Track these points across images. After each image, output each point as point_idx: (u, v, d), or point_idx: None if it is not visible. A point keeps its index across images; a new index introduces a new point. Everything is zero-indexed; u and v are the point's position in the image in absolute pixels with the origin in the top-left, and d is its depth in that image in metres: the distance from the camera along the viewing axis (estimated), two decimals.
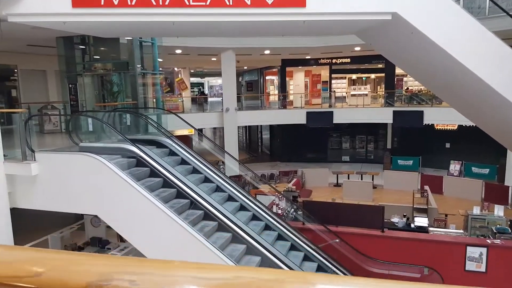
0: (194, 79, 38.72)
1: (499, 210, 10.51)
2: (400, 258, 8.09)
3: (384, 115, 19.07)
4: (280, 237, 7.75)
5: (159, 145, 7.78)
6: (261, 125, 26.77)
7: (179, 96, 21.42)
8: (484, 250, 7.77)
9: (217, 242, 5.81)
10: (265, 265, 6.23)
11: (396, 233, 8.67)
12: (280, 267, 6.27)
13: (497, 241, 7.97)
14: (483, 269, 7.77)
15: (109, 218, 5.91)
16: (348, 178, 16.93)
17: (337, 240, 8.21)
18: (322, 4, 8.08)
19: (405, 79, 22.31)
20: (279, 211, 9.58)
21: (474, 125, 12.31)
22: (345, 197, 14.91)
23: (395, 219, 10.87)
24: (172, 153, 7.70)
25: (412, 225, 10.50)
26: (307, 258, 7.58)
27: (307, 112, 19.72)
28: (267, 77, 27.23)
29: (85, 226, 7.55)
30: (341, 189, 15.93)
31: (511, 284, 7.63)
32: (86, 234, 7.48)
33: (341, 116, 19.68)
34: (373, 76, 26.14)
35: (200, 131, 22.80)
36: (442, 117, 17.61)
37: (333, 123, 19.65)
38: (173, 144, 7.80)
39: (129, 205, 5.79)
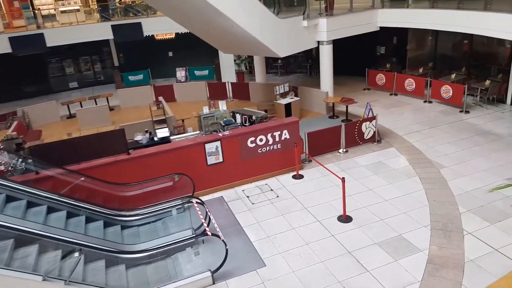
0: None
1: (223, 105, 11.99)
2: (152, 174, 8.23)
3: (103, 31, 17.70)
4: (11, 198, 6.42)
5: None
6: None
7: None
8: (218, 143, 8.81)
9: None
10: None
11: (142, 151, 8.65)
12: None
13: (226, 133, 9.14)
14: (220, 159, 8.90)
15: None
16: (81, 106, 15.47)
17: (82, 178, 7.51)
18: None
19: None
20: (2, 168, 7.85)
21: (188, 31, 13.00)
22: (83, 128, 13.73)
23: (138, 137, 10.85)
24: None
25: (156, 138, 10.79)
26: (52, 210, 6.66)
27: (10, 38, 16.09)
28: None
29: None
30: (76, 120, 14.50)
31: (242, 165, 9.09)
32: None
33: (55, 37, 17.06)
34: None
35: None
36: (159, 27, 17.83)
37: (47, 46, 16.92)
38: None
39: None
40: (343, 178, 7.42)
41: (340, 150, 10.45)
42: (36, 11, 18.71)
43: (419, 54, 16.65)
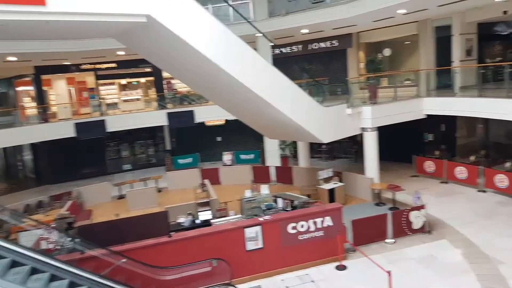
0: None
1: (265, 189, 12.04)
2: (191, 258, 8.16)
3: (159, 118, 19.18)
4: (55, 277, 6.55)
5: None
6: (20, 145, 22.68)
7: None
8: (258, 228, 8.67)
9: None
10: None
11: (183, 234, 8.70)
12: None
13: (267, 217, 9.03)
14: (260, 245, 8.68)
15: None
16: (132, 187, 16.21)
17: (124, 260, 7.58)
18: (65, 2, 7.19)
19: (173, 81, 23.00)
20: (51, 246, 8.19)
21: (236, 118, 13.73)
22: (131, 209, 14.21)
23: (181, 219, 11.01)
24: None
25: (197, 221, 10.87)
26: None
27: (76, 123, 17.86)
28: (19, 88, 23.11)
29: None
30: (125, 201, 15.09)
31: (282, 252, 8.78)
32: None
33: (115, 123, 18.70)
34: (143, 80, 25.95)
35: None
36: (210, 114, 19.03)
37: (106, 132, 18.50)
38: None
39: None
40: (389, 271, 6.88)
41: (387, 240, 9.85)
42: (101, 100, 20.84)
43: (469, 141, 16.13)
